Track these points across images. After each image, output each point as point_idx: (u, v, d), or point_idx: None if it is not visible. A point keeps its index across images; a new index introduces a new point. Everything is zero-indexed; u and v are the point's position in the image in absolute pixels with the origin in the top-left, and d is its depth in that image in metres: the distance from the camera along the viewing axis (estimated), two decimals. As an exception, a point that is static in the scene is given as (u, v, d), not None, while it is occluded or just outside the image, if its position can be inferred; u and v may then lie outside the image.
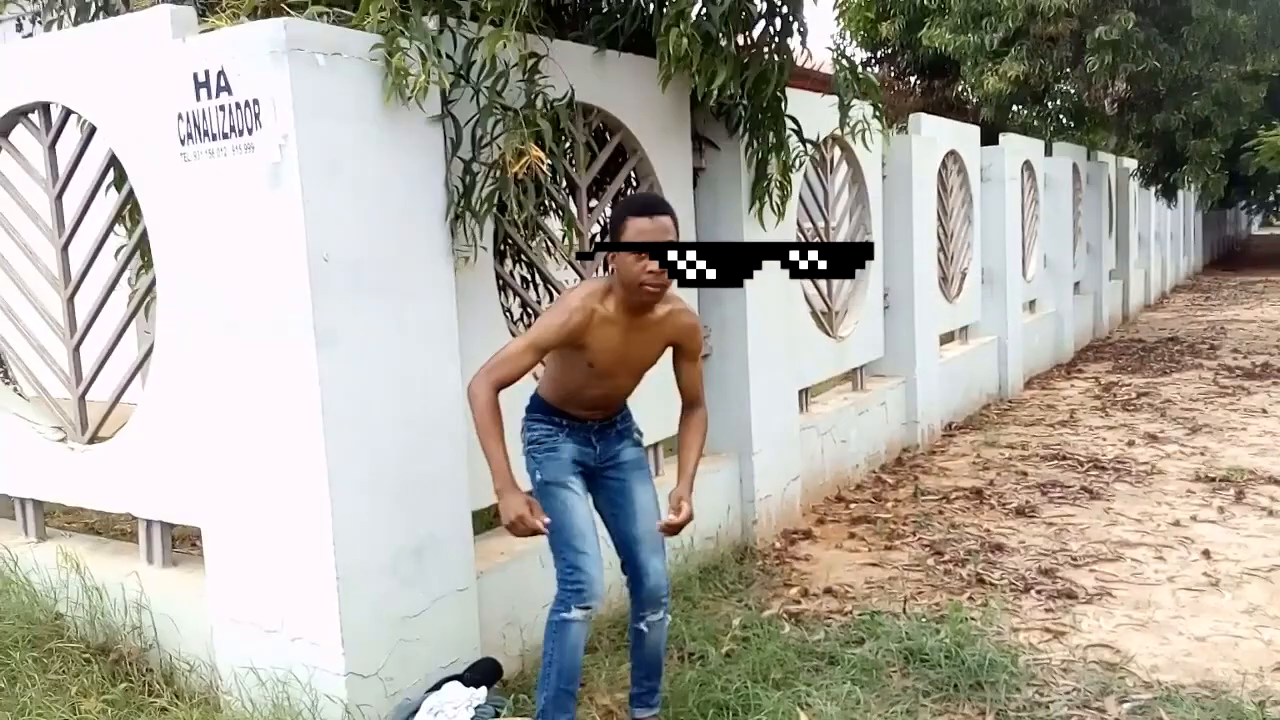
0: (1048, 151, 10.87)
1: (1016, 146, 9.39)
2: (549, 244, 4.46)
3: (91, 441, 3.77)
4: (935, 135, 7.39)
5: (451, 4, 3.22)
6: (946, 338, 7.98)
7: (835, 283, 6.17)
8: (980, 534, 5.09)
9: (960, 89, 15.04)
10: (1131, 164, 14.14)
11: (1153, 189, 14.11)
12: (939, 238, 7.54)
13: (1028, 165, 9.83)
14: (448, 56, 3.16)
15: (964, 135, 8.12)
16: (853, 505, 5.70)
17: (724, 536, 4.75)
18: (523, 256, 4.72)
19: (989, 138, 9.06)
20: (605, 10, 4.28)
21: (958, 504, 5.65)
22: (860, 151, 5.92)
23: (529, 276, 4.89)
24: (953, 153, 7.82)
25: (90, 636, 3.59)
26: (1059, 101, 13.11)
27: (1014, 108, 12.73)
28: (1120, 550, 4.80)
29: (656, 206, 2.92)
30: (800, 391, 5.56)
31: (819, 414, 5.87)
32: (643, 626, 3.15)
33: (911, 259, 6.83)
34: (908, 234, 6.81)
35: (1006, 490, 5.88)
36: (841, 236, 6.30)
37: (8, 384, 4.07)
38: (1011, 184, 9.01)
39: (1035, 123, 13.55)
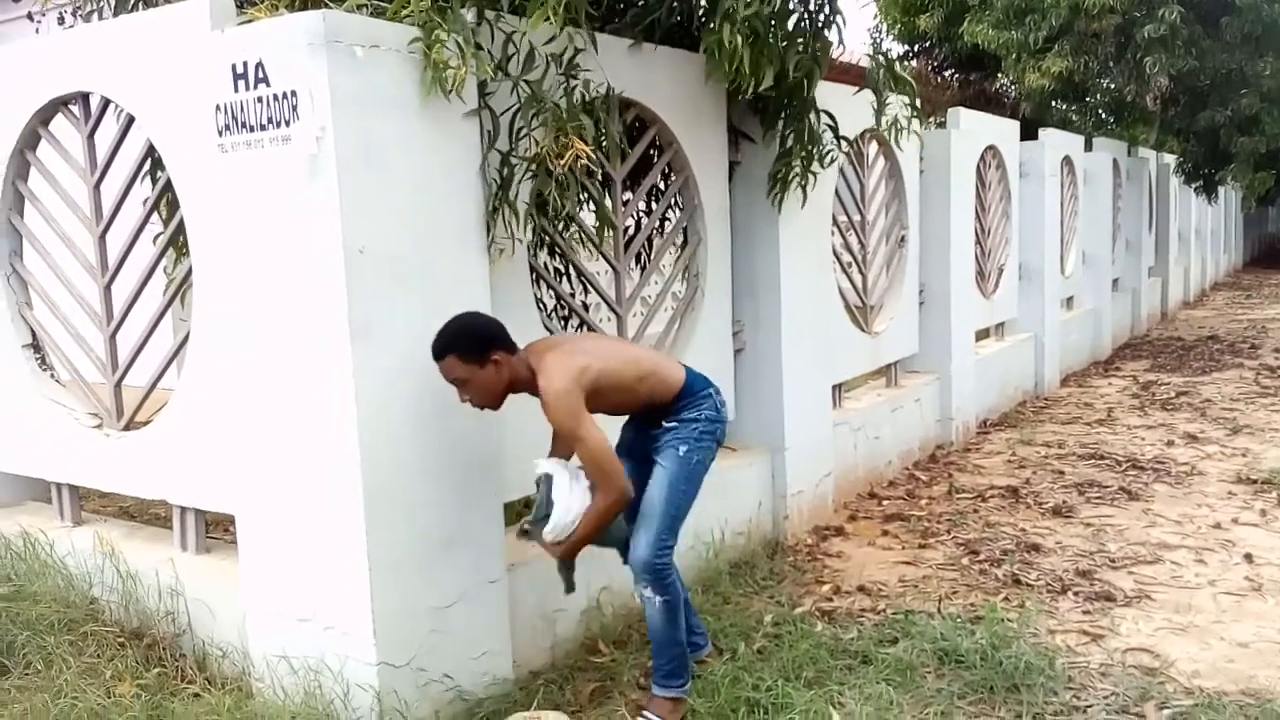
0: (1088, 147, 10.71)
1: (1056, 141, 9.26)
2: (582, 237, 4.44)
3: (127, 428, 3.80)
4: (974, 130, 7.30)
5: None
6: (982, 334, 7.89)
7: (870, 277, 6.11)
8: (1016, 533, 5.02)
9: (999, 83, 14.86)
10: (1172, 160, 13.91)
11: (1193, 186, 13.88)
12: (976, 233, 7.45)
13: (1067, 160, 9.70)
14: (485, 49, 3.15)
15: (1003, 130, 8.02)
16: (886, 502, 5.65)
17: (755, 532, 4.72)
18: (557, 249, 4.71)
19: (1028, 132, 8.94)
20: (643, 3, 4.26)
21: (993, 503, 5.58)
22: (896, 146, 5.85)
23: (562, 269, 4.88)
24: (991, 147, 7.72)
25: (125, 621, 3.63)
26: (1100, 97, 12.91)
27: (1054, 103, 12.55)
28: (1160, 552, 4.72)
29: (435, 350, 2.96)
30: (834, 387, 5.51)
31: (852, 410, 5.82)
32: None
33: (948, 254, 6.75)
34: (945, 229, 6.73)
35: (1043, 489, 5.80)
36: (877, 231, 6.24)
37: (45, 370, 4.10)
38: (1050, 179, 8.90)
39: (1075, 118, 13.35)
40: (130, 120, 3.60)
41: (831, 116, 4.52)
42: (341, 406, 2.90)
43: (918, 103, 5.10)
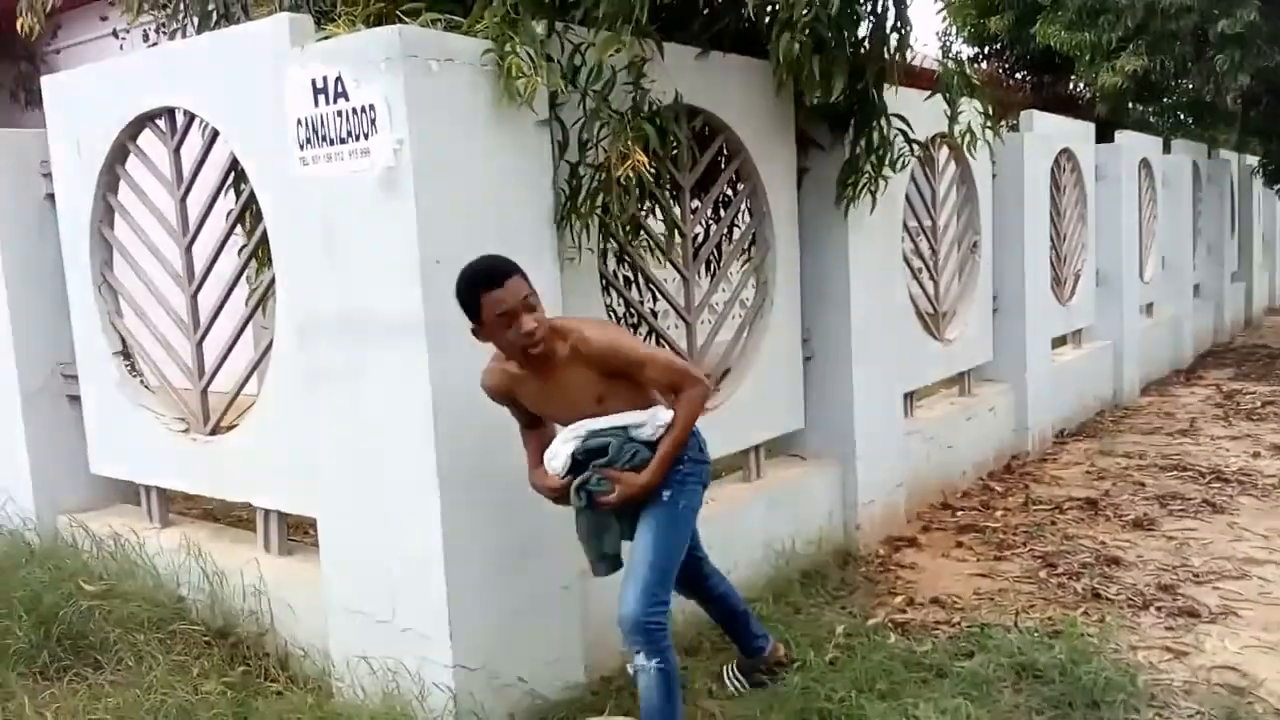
0: (1166, 149, 10.44)
1: (1133, 144, 9.05)
2: (651, 244, 4.46)
3: (213, 432, 3.92)
4: (1048, 133, 7.16)
5: (560, 9, 3.25)
6: (1059, 341, 7.72)
7: (942, 284, 6.03)
8: (1095, 546, 4.91)
9: (1073, 85, 14.55)
10: (1254, 161, 13.48)
11: (1276, 188, 13.43)
12: (1051, 238, 7.31)
13: (1145, 163, 9.46)
14: (555, 60, 3.19)
15: (1078, 133, 7.86)
16: (960, 513, 5.56)
17: (826, 541, 4.69)
18: (625, 257, 4.74)
19: (1104, 135, 8.74)
20: (709, 12, 4.27)
21: (1071, 514, 5.46)
22: (967, 150, 5.77)
23: (630, 276, 4.91)
24: (1066, 150, 7.57)
25: (210, 620, 3.74)
26: (1178, 97, 12.56)
27: (1131, 104, 12.26)
28: (1246, 568, 4.57)
29: (497, 273, 2.72)
30: (905, 395, 5.45)
31: (924, 418, 5.75)
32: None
33: (1022, 260, 6.63)
34: (1018, 234, 6.62)
35: (1123, 501, 5.66)
36: (949, 237, 6.16)
37: (135, 377, 4.25)
38: (1128, 182, 8.69)
39: (1153, 119, 13.02)
40: (214, 134, 3.72)
41: (904, 121, 4.48)
42: (418, 413, 2.96)
43: (991, 108, 5.04)
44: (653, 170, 3.46)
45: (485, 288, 2.70)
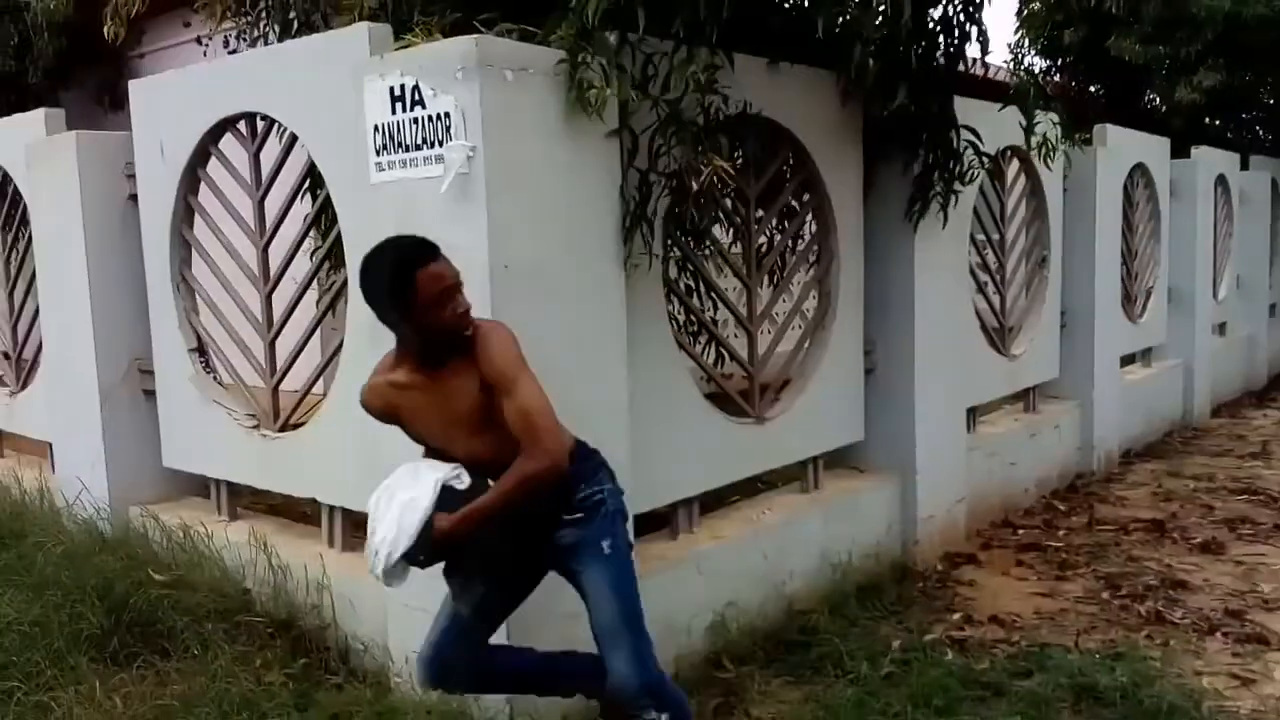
0: (1244, 165, 10.17)
1: (1209, 160, 8.83)
2: (715, 253, 4.47)
3: (282, 429, 4.02)
4: (1121, 147, 7.03)
5: (633, 20, 3.28)
6: (1127, 359, 7.56)
7: (1009, 298, 5.96)
8: (1161, 569, 4.80)
9: (1148, 99, 14.25)
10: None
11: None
12: (1123, 254, 7.17)
13: (1221, 180, 9.23)
14: (627, 70, 3.23)
15: (1152, 147, 7.70)
16: (1021, 531, 5.47)
17: (883, 555, 4.65)
18: (689, 265, 4.76)
19: (1180, 150, 8.55)
20: (778, 22, 4.28)
21: (1136, 536, 5.35)
22: (1040, 163, 5.70)
23: (693, 285, 4.93)
24: (1140, 165, 7.43)
25: (274, 612, 3.82)
26: (1256, 112, 12.24)
27: (1207, 119, 11.97)
28: (1319, 596, 4.45)
29: (431, 245, 2.56)
30: (968, 410, 5.39)
31: (987, 434, 5.68)
32: None
33: (1092, 276, 6.52)
34: (1089, 250, 6.51)
35: (1190, 524, 5.53)
36: (1017, 251, 6.08)
37: (208, 373, 4.37)
38: (1203, 199, 8.49)
39: (1230, 134, 12.69)
40: (293, 139, 3.82)
41: (974, 132, 4.44)
42: (482, 415, 3.00)
43: (1064, 118, 4.97)
44: (730, 180, 3.47)
45: (423, 261, 2.49)
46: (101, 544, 4.34)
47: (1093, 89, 16.06)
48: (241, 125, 4.05)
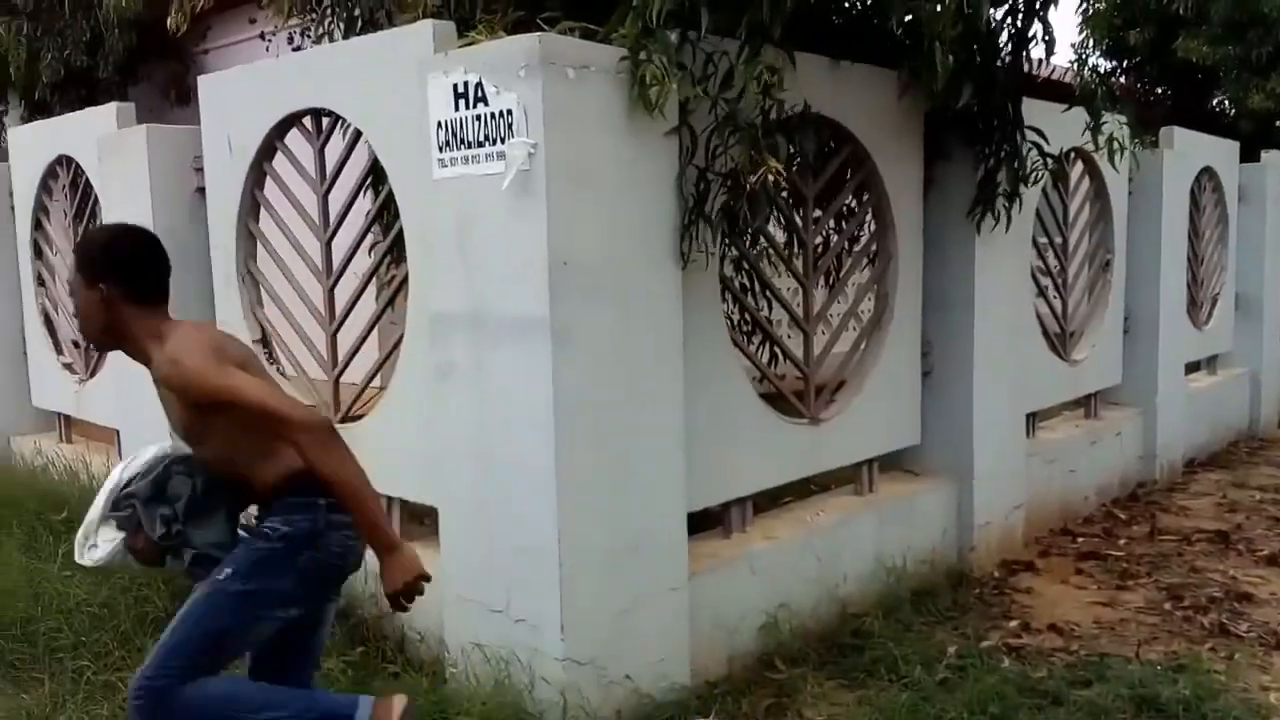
0: (1318, 169, 9.87)
1: (1281, 164, 8.59)
2: (771, 253, 4.46)
3: (343, 421, 4.08)
4: (1188, 150, 6.87)
5: (695, 19, 3.28)
6: (1192, 366, 7.39)
7: (1071, 302, 5.85)
8: (1225, 581, 4.69)
9: (1216, 101, 13.92)
10: None
11: None
12: (1189, 259, 7.00)
13: (1293, 184, 8.97)
14: (687, 69, 3.23)
15: (1220, 151, 7.51)
16: (1080, 539, 5.38)
17: (939, 561, 4.60)
18: (744, 264, 4.75)
19: (1249, 154, 8.34)
20: (840, 21, 4.25)
21: (1199, 547, 5.23)
22: (1105, 166, 5.59)
23: (748, 284, 4.91)
24: (1207, 169, 7.25)
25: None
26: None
27: (1279, 123, 11.65)
28: (1393, 613, 4.31)
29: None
30: (1028, 416, 5.31)
31: (1047, 440, 5.59)
32: None
33: (1157, 281, 6.38)
34: (1154, 255, 6.37)
35: (1256, 536, 5.39)
36: (1080, 255, 5.98)
37: (272, 365, 4.44)
38: (1273, 204, 8.25)
39: (1303, 137, 12.35)
40: (357, 135, 3.88)
41: (1039, 133, 4.38)
42: (539, 410, 3.03)
43: (1131, 119, 4.88)
44: (785, 179, 3.45)
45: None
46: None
47: (1159, 91, 15.72)
48: (307, 121, 4.11)
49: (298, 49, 5.63)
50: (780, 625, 3.79)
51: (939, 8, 3.57)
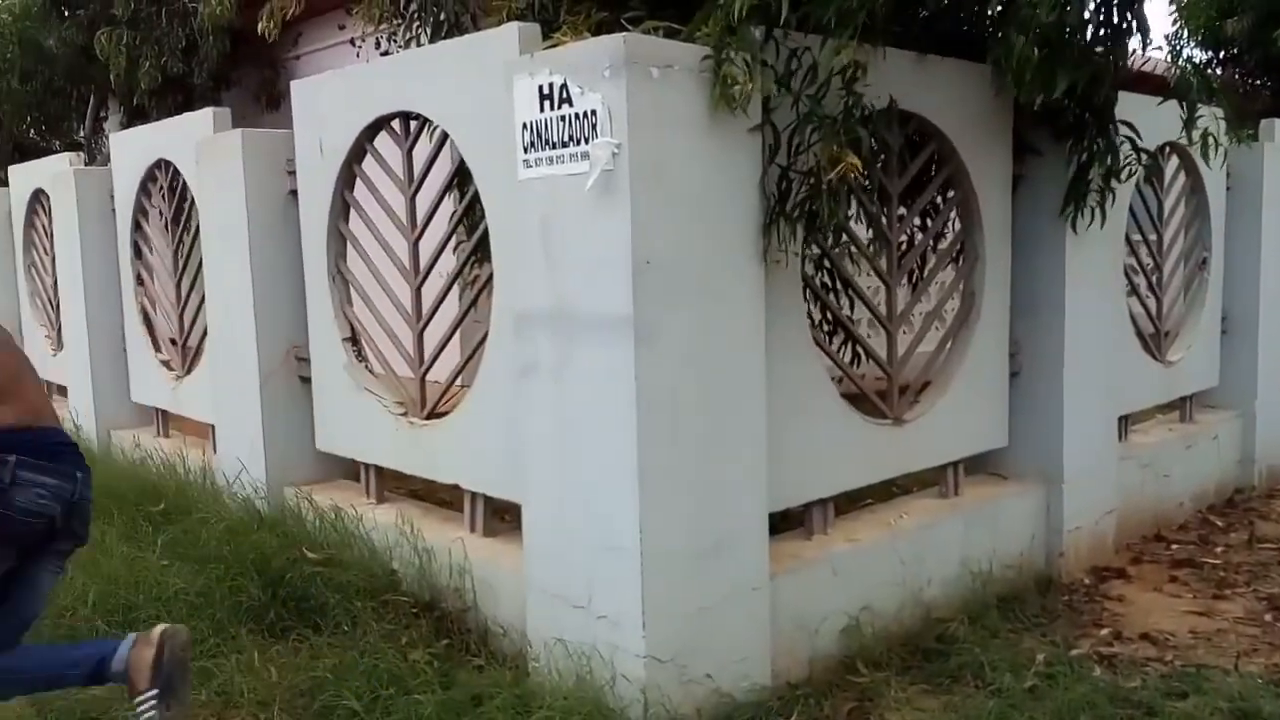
0: None
1: (1394, 156, 8.19)
2: (854, 251, 4.41)
3: (429, 417, 4.16)
4: (1292, 143, 6.60)
5: (778, 14, 3.27)
6: (1294, 369, 7.09)
7: (1166, 302, 5.67)
8: (1329, 592, 4.50)
9: (1322, 91, 13.34)
10: None
11: None
12: (1291, 257, 6.73)
13: (1407, 177, 8.55)
14: (770, 65, 3.21)
15: (1328, 143, 7.19)
16: (1174, 546, 5.21)
17: (1026, 566, 4.50)
18: (825, 263, 4.71)
19: (1359, 146, 7.96)
20: (926, 14, 4.18)
21: (1302, 556, 5.03)
22: (1201, 160, 5.41)
23: (829, 283, 4.87)
24: (1313, 162, 6.96)
25: (419, 593, 3.96)
26: None
27: (1391, 112, 11.12)
28: None
29: None
30: (1120, 418, 5.16)
31: (1139, 444, 5.42)
32: None
33: (1258, 279, 6.13)
34: (1254, 252, 6.13)
35: (1364, 547, 5.16)
36: (1175, 252, 5.79)
37: (360, 362, 4.55)
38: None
39: None
40: (444, 137, 3.95)
41: (1132, 127, 4.25)
42: (623, 406, 3.05)
43: (1229, 112, 4.71)
44: (864, 175, 3.42)
45: None
46: (259, 521, 4.58)
47: (1259, 82, 15.13)
48: (395, 123, 4.20)
49: (385, 53, 5.75)
50: (862, 628, 3.75)
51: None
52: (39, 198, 7.46)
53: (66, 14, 10.38)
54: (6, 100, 10.33)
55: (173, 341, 6.11)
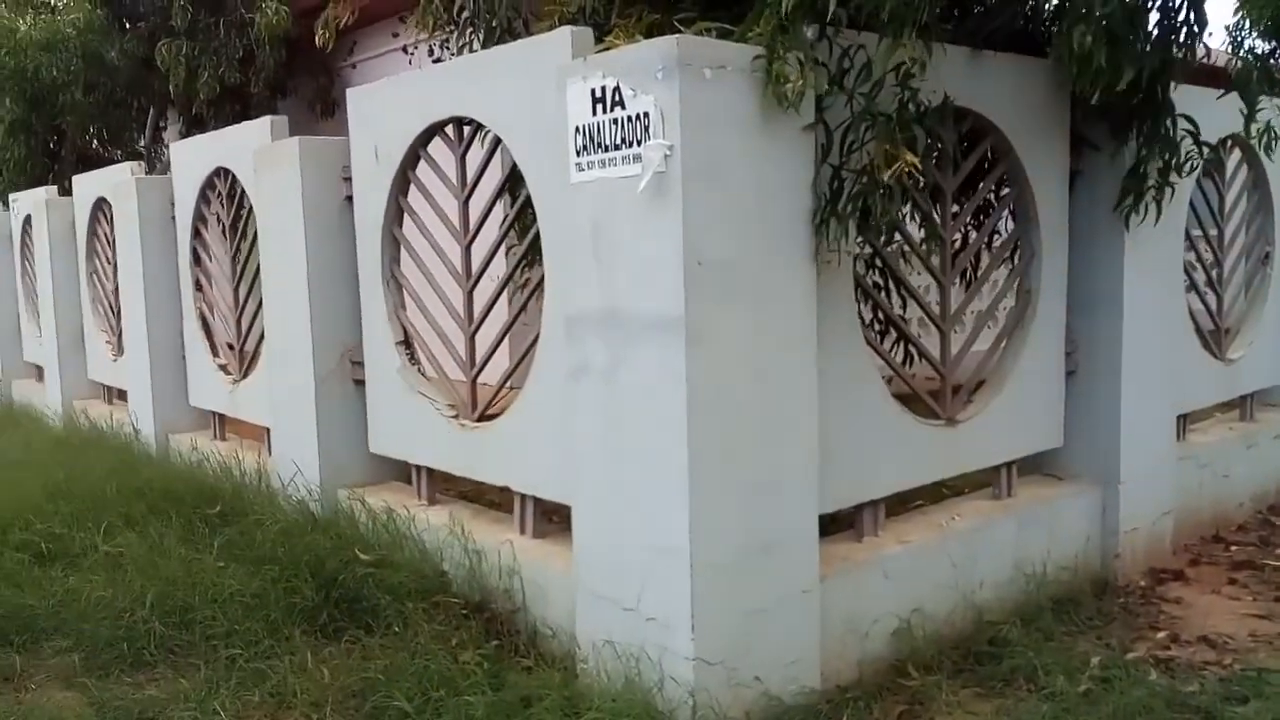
0: None
1: None
2: (907, 250, 4.38)
3: (480, 420, 4.20)
4: (1360, 135, 6.41)
5: (825, 12, 3.25)
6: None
7: (1227, 299, 5.55)
8: (1398, 597, 4.38)
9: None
10: None
11: None
12: (1358, 252, 6.54)
13: None
14: (823, 64, 3.20)
15: (1397, 135, 6.98)
16: (1234, 548, 5.09)
17: (1081, 568, 4.43)
18: (877, 262, 4.67)
19: None
20: (982, 10, 4.14)
21: (1369, 560, 4.89)
22: (1263, 154, 5.29)
23: (881, 282, 4.84)
24: (1381, 155, 6.75)
25: (469, 594, 4.00)
26: None
27: None
28: None
29: None
30: (1179, 417, 5.06)
31: (1198, 444, 5.31)
32: None
33: (1322, 276, 5.99)
34: (1319, 248, 5.98)
35: None
36: (1237, 249, 5.66)
37: (413, 365, 4.61)
38: None
39: None
40: (496, 142, 3.99)
41: (1191, 121, 4.17)
42: (673, 410, 3.05)
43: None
44: (919, 173, 3.39)
45: None
46: (313, 523, 4.65)
47: (1324, 72, 14.66)
48: (449, 129, 4.25)
49: (438, 60, 5.82)
50: (914, 631, 3.72)
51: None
52: (101, 206, 7.65)
53: (127, 27, 10.65)
54: (71, 112, 10.61)
55: (230, 346, 6.22)
